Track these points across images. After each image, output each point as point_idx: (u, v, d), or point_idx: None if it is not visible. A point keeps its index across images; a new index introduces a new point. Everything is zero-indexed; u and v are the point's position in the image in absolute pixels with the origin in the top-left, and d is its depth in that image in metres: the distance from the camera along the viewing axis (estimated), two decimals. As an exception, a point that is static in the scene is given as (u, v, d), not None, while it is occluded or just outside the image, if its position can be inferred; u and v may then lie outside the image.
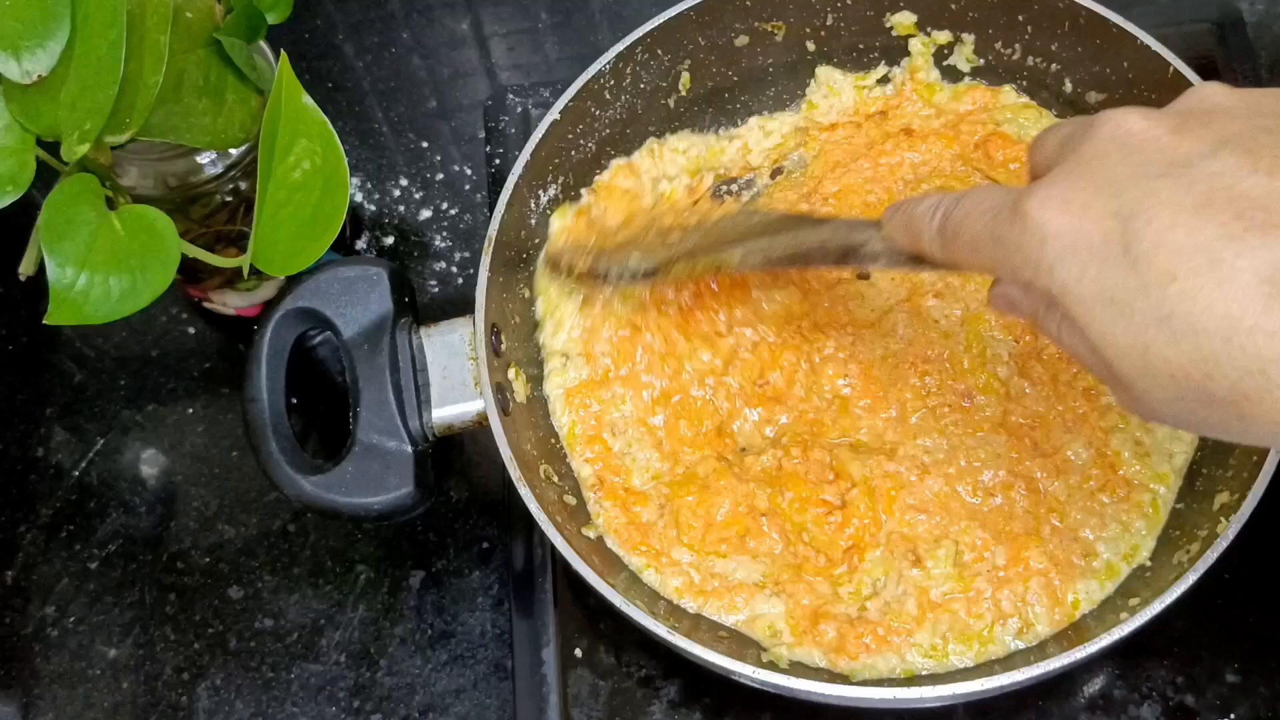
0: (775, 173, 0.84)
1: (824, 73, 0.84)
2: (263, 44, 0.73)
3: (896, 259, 0.59)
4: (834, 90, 0.84)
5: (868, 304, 0.76)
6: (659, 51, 0.79)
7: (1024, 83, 0.82)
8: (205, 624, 0.79)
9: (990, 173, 0.80)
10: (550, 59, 0.96)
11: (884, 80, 0.84)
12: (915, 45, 0.82)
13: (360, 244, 0.90)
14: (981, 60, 0.82)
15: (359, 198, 0.91)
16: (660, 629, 0.64)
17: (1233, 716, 0.71)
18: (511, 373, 0.73)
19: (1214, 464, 0.70)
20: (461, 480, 0.83)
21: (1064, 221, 0.47)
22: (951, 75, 0.83)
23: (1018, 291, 0.52)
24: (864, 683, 0.66)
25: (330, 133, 0.69)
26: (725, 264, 0.70)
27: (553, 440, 0.75)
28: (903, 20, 0.81)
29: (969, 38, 0.81)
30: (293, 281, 0.71)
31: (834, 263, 0.65)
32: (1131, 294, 0.45)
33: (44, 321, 0.63)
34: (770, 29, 0.82)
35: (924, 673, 0.67)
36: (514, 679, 0.75)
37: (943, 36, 0.82)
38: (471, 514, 0.81)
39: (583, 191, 0.80)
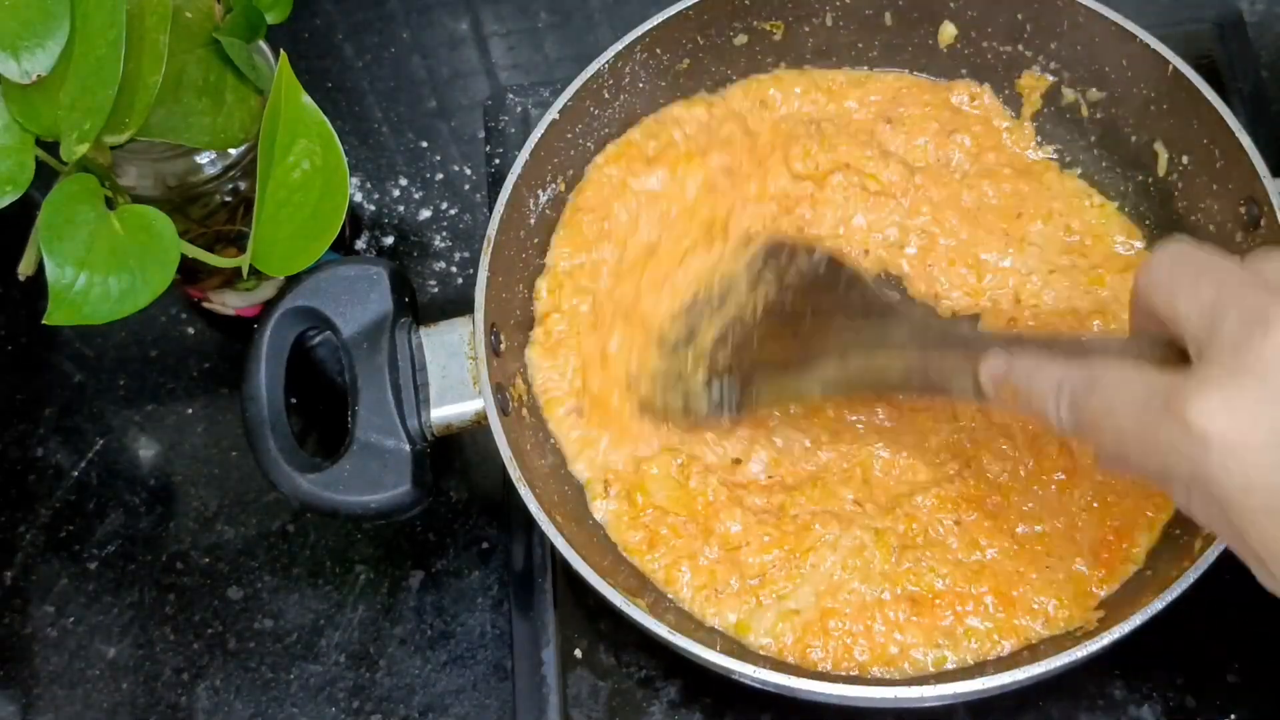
0: None
1: None
2: (262, 44, 0.73)
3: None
4: None
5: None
6: (658, 51, 0.79)
7: (1018, 77, 0.82)
8: (204, 624, 0.79)
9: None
10: (550, 59, 0.96)
11: None
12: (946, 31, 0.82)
13: (360, 244, 0.89)
14: (980, 60, 0.82)
15: (358, 198, 0.91)
16: (660, 629, 0.64)
17: (1233, 717, 0.71)
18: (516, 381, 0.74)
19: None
20: (461, 480, 0.83)
21: (1232, 435, 0.46)
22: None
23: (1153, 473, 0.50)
24: (864, 682, 0.66)
25: (330, 133, 0.69)
26: (806, 397, 0.70)
27: (553, 440, 0.75)
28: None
29: (972, 35, 0.81)
30: (292, 281, 0.71)
31: (916, 395, 0.65)
32: None
33: (43, 322, 0.62)
34: (769, 28, 0.82)
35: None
36: (514, 679, 0.75)
37: (948, 35, 0.82)
38: (471, 514, 0.81)
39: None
